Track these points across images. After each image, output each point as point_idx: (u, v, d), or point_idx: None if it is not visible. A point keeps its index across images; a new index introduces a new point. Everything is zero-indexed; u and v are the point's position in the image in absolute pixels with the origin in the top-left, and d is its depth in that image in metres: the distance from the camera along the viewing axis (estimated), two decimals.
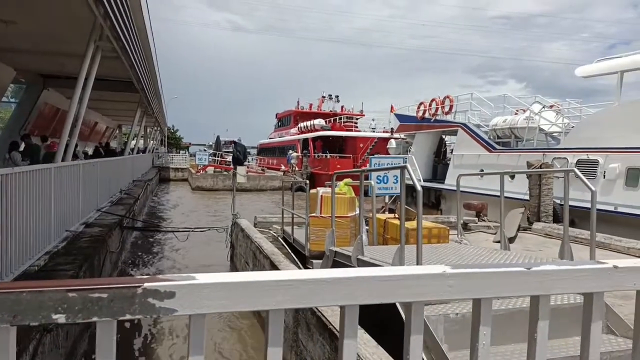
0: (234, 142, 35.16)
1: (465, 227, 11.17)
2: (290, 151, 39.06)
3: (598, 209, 10.31)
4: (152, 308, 0.90)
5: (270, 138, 58.11)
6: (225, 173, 35.11)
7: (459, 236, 6.99)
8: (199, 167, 37.67)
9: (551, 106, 16.73)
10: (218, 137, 48.01)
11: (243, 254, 9.41)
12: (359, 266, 5.20)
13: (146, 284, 0.90)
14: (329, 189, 7.85)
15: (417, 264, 4.01)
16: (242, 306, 0.96)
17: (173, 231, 12.46)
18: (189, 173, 38.79)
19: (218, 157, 42.15)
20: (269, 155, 52.51)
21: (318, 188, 9.02)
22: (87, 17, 7.20)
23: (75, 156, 10.24)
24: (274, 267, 6.51)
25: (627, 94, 13.50)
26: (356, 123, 42.54)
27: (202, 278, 0.94)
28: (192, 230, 11.62)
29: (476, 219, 11.87)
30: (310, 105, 51.05)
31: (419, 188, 4.03)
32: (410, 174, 4.26)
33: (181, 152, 67.52)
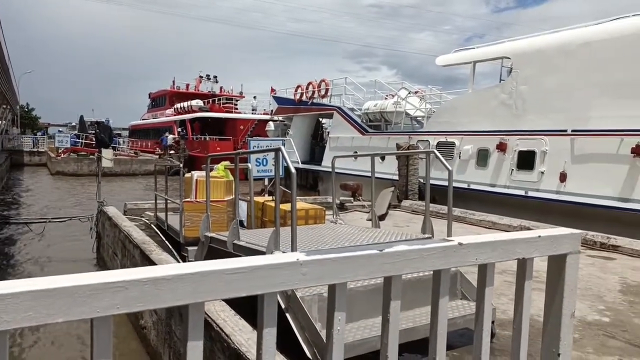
0: (97, 123, 32.24)
1: (342, 207, 11.63)
2: (167, 133, 37.00)
3: (455, 187, 11.36)
4: None
5: (143, 119, 54.44)
6: (91, 157, 32.13)
7: (335, 216, 7.21)
8: (60, 151, 33.94)
9: (416, 92, 18.05)
10: (82, 118, 43.50)
11: (111, 245, 8.70)
12: (235, 251, 5.08)
13: None
14: (204, 173, 7.54)
15: (292, 246, 4.02)
16: (57, 317, 0.80)
17: (26, 223, 11.05)
18: (47, 157, 34.78)
19: (82, 139, 38.32)
20: (142, 137, 49.21)
21: (193, 172, 8.63)
22: None
23: None
24: (144, 257, 6.10)
25: (480, 82, 15.07)
26: (236, 105, 41.69)
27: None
28: (50, 221, 10.41)
29: (352, 198, 12.43)
30: (187, 86, 48.80)
31: (292, 170, 4.01)
32: (284, 156, 4.23)
33: (38, 133, 60.11)
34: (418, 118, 17.20)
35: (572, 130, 10.52)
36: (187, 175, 8.28)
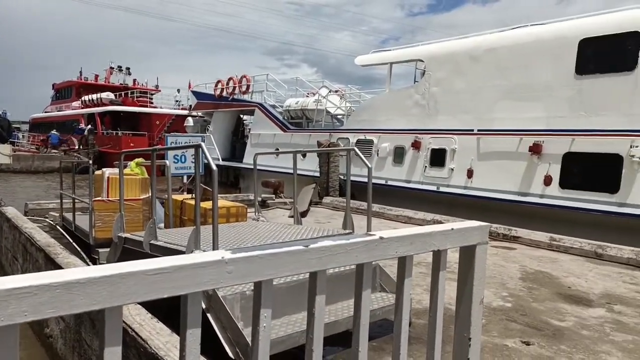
0: None
1: (264, 204, 11.57)
2: (81, 125, 34.35)
3: (373, 183, 11.70)
4: None
5: (46, 112, 50.19)
6: None
7: (257, 214, 7.16)
8: None
9: (336, 91, 18.41)
10: None
11: (10, 248, 7.94)
12: (152, 252, 4.87)
13: None
14: (117, 170, 7.12)
15: (214, 245, 3.94)
16: None
17: None
18: None
19: None
20: (46, 131, 45.38)
21: (104, 169, 8.12)
22: None
23: None
24: (49, 260, 5.64)
25: (396, 82, 15.67)
26: (151, 99, 39.79)
27: None
28: None
29: (274, 196, 12.40)
30: (96, 77, 45.69)
31: (214, 167, 3.92)
32: (205, 153, 4.11)
33: None
34: (338, 116, 17.57)
35: (478, 130, 11.31)
36: (98, 172, 7.79)
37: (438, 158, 12.12)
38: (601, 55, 9.50)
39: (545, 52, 10.19)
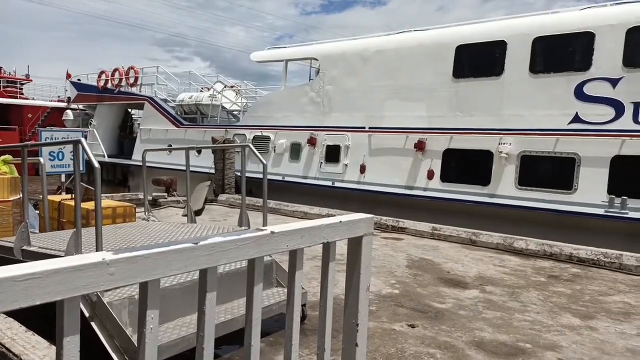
0: None
1: (155, 203, 11.02)
2: None
3: (270, 179, 11.71)
4: None
5: None
6: None
7: (147, 213, 6.81)
8: None
9: (232, 86, 18.10)
10: None
11: None
12: (24, 258, 4.40)
13: None
14: None
15: (97, 248, 3.67)
16: None
17: None
18: None
19: None
20: None
21: None
22: None
23: None
24: None
25: (291, 80, 15.86)
26: (21, 89, 35.70)
27: None
28: None
29: (166, 194, 11.87)
30: None
31: (96, 164, 3.65)
32: (85, 149, 3.81)
33: None
34: (234, 112, 17.30)
35: (370, 127, 11.89)
36: None
37: (333, 154, 12.52)
38: (474, 60, 10.52)
39: (427, 56, 11.01)
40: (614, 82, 8.61)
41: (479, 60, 10.45)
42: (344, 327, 1.73)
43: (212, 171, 13.19)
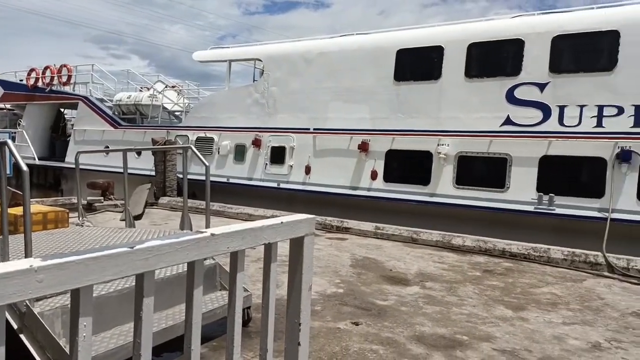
0: None
1: (90, 207, 10.53)
2: None
3: (215, 181, 11.48)
4: None
5: None
6: None
7: (81, 218, 6.50)
8: None
9: (173, 86, 17.61)
10: None
11: None
12: None
13: None
14: None
15: (26, 255, 3.46)
16: None
17: None
18: None
19: None
20: None
21: None
22: None
23: None
24: None
25: (235, 80, 15.67)
26: None
27: None
28: None
29: (102, 198, 11.36)
30: None
31: (24, 167, 3.44)
32: (12, 152, 3.58)
33: None
34: (176, 113, 16.83)
35: (314, 129, 11.98)
36: None
37: (278, 155, 12.49)
38: (414, 64, 10.88)
39: (369, 59, 11.25)
40: (541, 86, 9.19)
41: (418, 65, 10.82)
42: (287, 327, 1.75)
43: (153, 173, 12.78)
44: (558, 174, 9.03)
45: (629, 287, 5.64)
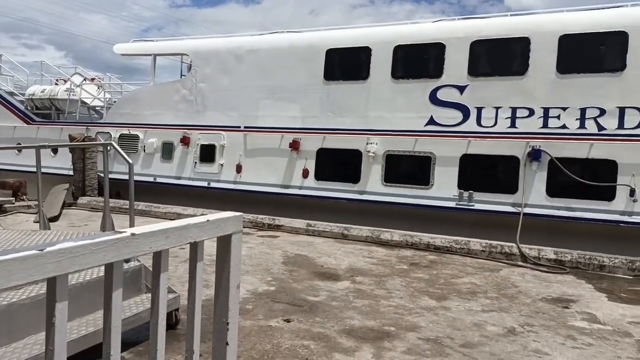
0: None
1: (1, 209, 9.73)
2: None
3: (141, 180, 11.01)
4: None
5: None
6: None
7: None
8: None
9: (92, 79, 16.62)
10: None
11: None
12: None
13: None
14: None
15: None
16: None
17: None
18: None
19: None
20: None
21: None
22: None
23: None
24: None
25: (161, 75, 15.08)
26: None
27: None
28: None
29: (13, 198, 10.51)
30: None
31: None
32: None
33: None
34: (97, 108, 15.89)
35: (245, 127, 11.83)
36: None
37: (208, 154, 12.19)
38: (343, 64, 11.07)
39: (300, 58, 11.29)
40: (461, 89, 9.72)
41: (347, 64, 11.02)
42: (214, 327, 1.72)
43: (71, 172, 12.00)
44: (477, 172, 9.61)
45: (539, 275, 6.13)
